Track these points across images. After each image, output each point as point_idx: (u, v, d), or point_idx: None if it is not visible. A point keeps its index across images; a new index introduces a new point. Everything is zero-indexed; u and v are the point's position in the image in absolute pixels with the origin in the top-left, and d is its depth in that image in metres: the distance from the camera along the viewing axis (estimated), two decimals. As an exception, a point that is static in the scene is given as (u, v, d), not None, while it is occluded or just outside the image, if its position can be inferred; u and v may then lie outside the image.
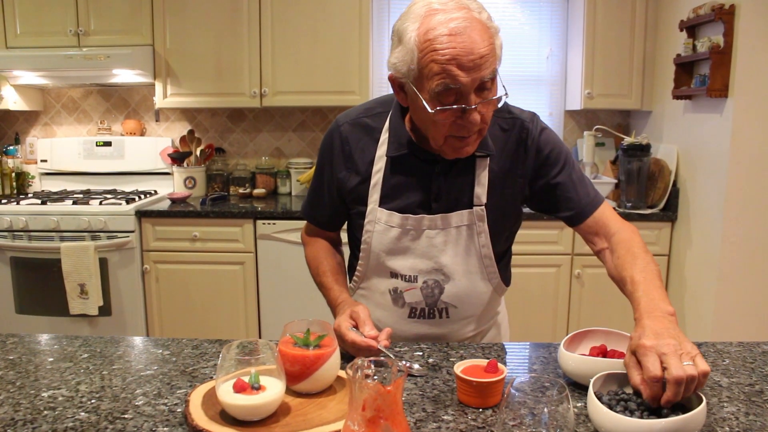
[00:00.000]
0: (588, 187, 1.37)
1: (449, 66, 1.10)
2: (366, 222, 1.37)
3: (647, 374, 0.93)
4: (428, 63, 1.12)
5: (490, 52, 1.12)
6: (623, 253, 1.24)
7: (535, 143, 1.33)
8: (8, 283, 3.13)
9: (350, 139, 1.37)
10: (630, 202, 3.15)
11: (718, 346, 1.36)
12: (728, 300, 2.73)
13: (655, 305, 1.08)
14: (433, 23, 1.11)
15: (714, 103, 2.74)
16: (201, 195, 3.58)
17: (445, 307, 1.38)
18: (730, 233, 2.68)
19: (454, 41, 1.09)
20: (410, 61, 1.14)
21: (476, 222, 1.33)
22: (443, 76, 1.11)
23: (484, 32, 1.12)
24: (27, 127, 3.82)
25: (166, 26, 3.31)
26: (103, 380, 1.16)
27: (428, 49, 1.11)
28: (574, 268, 3.14)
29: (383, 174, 1.34)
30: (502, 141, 1.33)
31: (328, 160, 1.41)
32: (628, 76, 3.33)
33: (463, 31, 1.10)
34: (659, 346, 0.96)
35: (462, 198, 1.33)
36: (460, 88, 1.12)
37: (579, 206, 1.34)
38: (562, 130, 3.72)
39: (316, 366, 1.04)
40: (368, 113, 1.39)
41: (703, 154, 2.86)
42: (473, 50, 1.10)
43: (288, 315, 3.16)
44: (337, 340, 1.13)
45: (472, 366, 1.08)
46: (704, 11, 2.70)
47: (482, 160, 1.31)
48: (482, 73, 1.12)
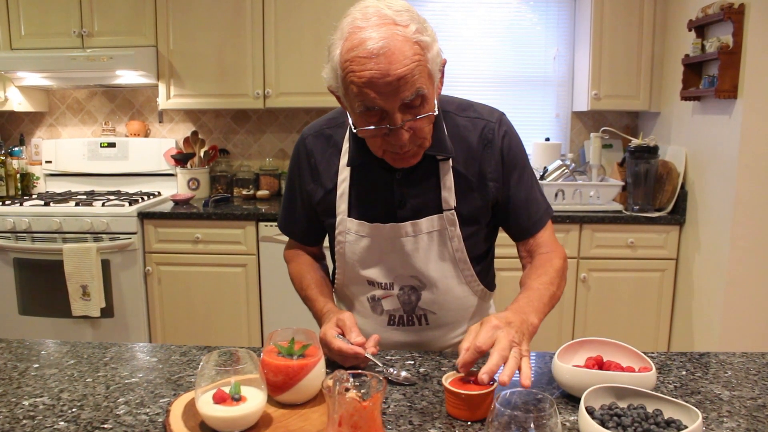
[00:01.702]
0: (538, 202, 1.36)
1: (366, 89, 1.07)
2: (337, 233, 1.35)
3: (475, 341, 1.02)
4: (349, 84, 1.09)
5: (410, 72, 1.06)
6: (537, 266, 1.31)
7: (498, 146, 1.29)
8: (11, 284, 3.13)
9: (315, 151, 1.36)
10: (637, 205, 3.10)
11: (720, 356, 1.32)
12: (737, 305, 2.67)
13: (526, 311, 1.15)
14: (353, 42, 1.07)
15: (723, 105, 2.68)
16: (204, 196, 3.56)
17: (423, 313, 1.35)
18: (738, 237, 2.63)
19: (370, 63, 1.05)
20: (335, 78, 1.13)
21: (447, 227, 1.30)
22: (361, 97, 1.09)
23: (405, 50, 1.06)
24: (32, 128, 3.82)
25: (170, 27, 3.30)
26: (87, 387, 1.13)
27: (348, 70, 1.08)
28: (580, 271, 3.09)
29: (348, 184, 1.31)
30: (465, 142, 1.29)
31: (297, 174, 1.40)
32: (635, 77, 3.28)
33: (379, 52, 1.04)
34: (502, 328, 1.04)
35: (429, 203, 1.29)
36: (382, 109, 1.10)
37: (525, 226, 1.36)
38: (569, 132, 3.68)
39: (300, 376, 1.01)
40: (331, 124, 1.37)
41: (712, 156, 2.81)
42: (389, 72, 1.05)
43: (290, 317, 3.13)
44: (322, 349, 1.10)
45: (462, 377, 1.05)
46: (713, 11, 2.64)
47: (444, 163, 1.27)
48: (402, 95, 1.07)
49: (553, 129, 3.68)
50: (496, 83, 3.61)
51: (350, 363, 1.16)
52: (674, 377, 1.21)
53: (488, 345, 1.02)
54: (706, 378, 1.20)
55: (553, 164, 3.24)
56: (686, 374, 1.22)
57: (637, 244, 3.06)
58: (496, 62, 3.58)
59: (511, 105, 3.64)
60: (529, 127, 3.65)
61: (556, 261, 1.32)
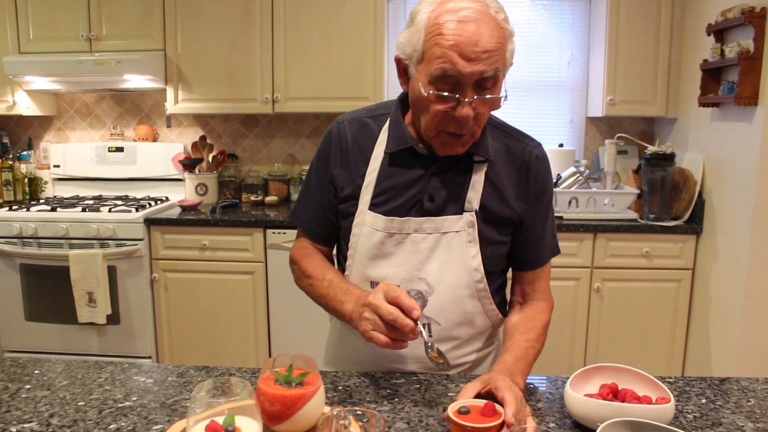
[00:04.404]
0: (549, 239, 1.38)
1: (451, 52, 1.09)
2: (354, 225, 1.31)
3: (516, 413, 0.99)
4: (432, 46, 1.11)
5: (496, 49, 1.10)
6: (527, 318, 1.32)
7: (534, 172, 1.31)
8: (18, 290, 3.12)
9: (349, 135, 1.33)
10: (653, 214, 3.02)
11: (742, 382, 1.25)
12: (756, 318, 2.59)
13: (513, 372, 1.16)
14: (448, 7, 1.10)
15: (743, 111, 2.60)
16: (212, 202, 3.53)
17: (428, 323, 1.29)
18: (758, 248, 2.54)
19: (461, 29, 1.08)
20: (416, 42, 1.14)
21: (466, 228, 1.26)
22: (443, 60, 1.10)
23: (495, 30, 1.10)
24: (40, 132, 3.81)
25: (178, 31, 3.27)
26: (78, 412, 1.09)
27: (435, 32, 1.10)
28: (594, 281, 3.02)
29: (377, 174, 1.28)
30: (505, 158, 1.30)
31: (324, 156, 1.35)
32: (652, 83, 3.20)
33: (473, 20, 1.09)
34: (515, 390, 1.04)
35: (455, 202, 1.27)
36: (458, 77, 1.10)
37: (529, 258, 1.37)
38: (583, 138, 3.60)
39: (298, 406, 0.96)
40: (370, 114, 1.36)
41: (731, 164, 2.73)
42: (478, 42, 1.08)
43: (298, 326, 3.09)
44: (365, 319, 1.10)
45: (471, 406, 1.00)
46: (733, 15, 2.56)
47: (479, 166, 1.27)
48: (483, 67, 1.10)
49: (567, 135, 3.61)
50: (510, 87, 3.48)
51: (396, 338, 1.09)
52: (693, 406, 1.15)
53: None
54: (728, 407, 1.14)
55: (566, 171, 3.17)
56: (706, 402, 1.16)
57: (652, 254, 2.98)
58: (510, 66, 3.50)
59: (524, 110, 3.57)
60: (542, 132, 3.58)
61: (545, 315, 1.35)
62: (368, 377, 1.26)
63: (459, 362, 1.35)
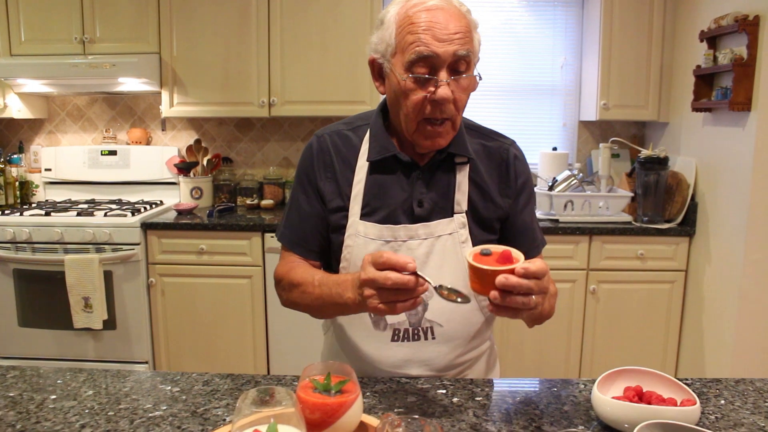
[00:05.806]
0: (536, 231, 1.42)
1: (424, 35, 1.16)
2: (346, 237, 1.31)
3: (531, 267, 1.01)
4: (405, 35, 1.18)
5: (465, 32, 1.18)
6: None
7: (513, 168, 1.37)
8: (11, 296, 3.07)
9: (331, 148, 1.35)
10: (646, 216, 3.07)
11: (757, 383, 1.29)
12: (749, 321, 2.65)
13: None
14: (412, 3, 1.19)
15: (736, 117, 2.66)
16: (208, 205, 3.51)
17: (430, 326, 1.31)
18: (752, 250, 2.60)
19: (431, 15, 1.17)
20: (389, 36, 1.21)
21: (458, 230, 1.30)
22: (418, 44, 1.16)
23: (461, 17, 1.19)
24: (31, 135, 3.76)
25: (173, 34, 3.25)
26: (109, 422, 1.09)
27: (406, 23, 1.18)
28: (590, 283, 3.06)
29: (364, 184, 1.31)
30: (484, 157, 1.36)
31: (308, 171, 1.35)
32: (644, 87, 3.26)
33: (440, 9, 1.17)
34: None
35: (444, 205, 1.31)
36: (433, 59, 1.16)
37: (524, 249, 1.33)
38: (576, 141, 3.65)
39: (339, 414, 0.97)
40: (348, 126, 1.38)
41: (724, 167, 2.79)
42: (448, 26, 1.16)
43: (296, 330, 3.09)
44: (363, 286, 1.07)
45: (494, 252, 1.07)
46: (727, 22, 2.62)
47: (462, 167, 1.32)
48: (456, 47, 1.16)
49: (560, 138, 3.65)
50: (503, 91, 3.58)
51: (406, 298, 1.06)
52: (713, 407, 1.18)
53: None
54: (746, 408, 1.17)
55: (561, 174, 3.21)
56: (725, 403, 1.19)
57: (646, 256, 3.03)
58: (503, 70, 3.54)
59: (517, 113, 3.61)
60: (535, 136, 3.62)
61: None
62: (394, 383, 1.27)
63: (459, 362, 1.37)
